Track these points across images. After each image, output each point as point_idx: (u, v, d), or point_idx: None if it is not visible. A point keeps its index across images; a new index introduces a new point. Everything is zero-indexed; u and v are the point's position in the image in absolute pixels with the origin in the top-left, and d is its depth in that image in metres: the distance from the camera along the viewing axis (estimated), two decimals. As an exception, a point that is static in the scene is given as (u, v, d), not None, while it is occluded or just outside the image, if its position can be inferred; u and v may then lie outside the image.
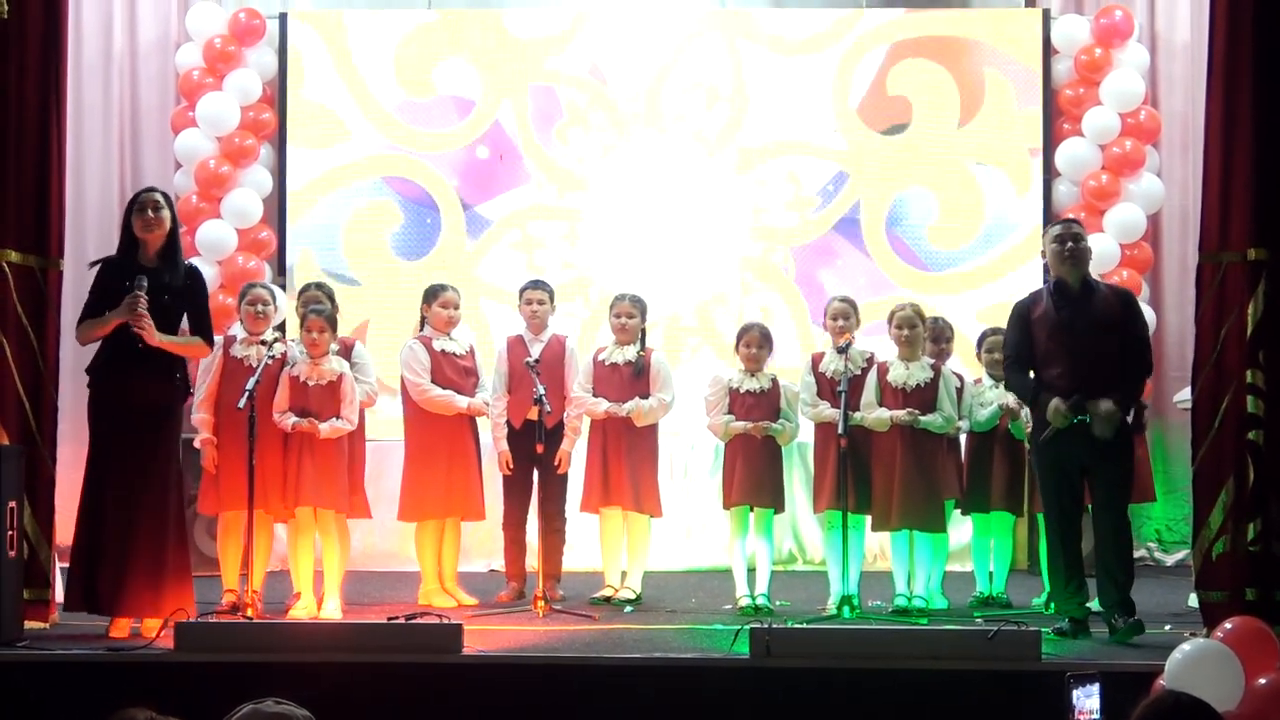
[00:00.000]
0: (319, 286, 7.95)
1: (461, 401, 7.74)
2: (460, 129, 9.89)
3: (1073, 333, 6.72)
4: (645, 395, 7.75)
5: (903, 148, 9.84)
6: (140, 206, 6.67)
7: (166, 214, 6.69)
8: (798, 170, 9.87)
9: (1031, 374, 6.84)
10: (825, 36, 9.90)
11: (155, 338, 6.54)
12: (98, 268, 6.75)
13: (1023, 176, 9.78)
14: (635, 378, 7.78)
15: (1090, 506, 6.86)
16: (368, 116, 9.85)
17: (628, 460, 7.70)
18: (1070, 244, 6.79)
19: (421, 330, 7.91)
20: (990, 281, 9.72)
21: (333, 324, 7.44)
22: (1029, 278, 9.32)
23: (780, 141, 9.87)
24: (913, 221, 9.83)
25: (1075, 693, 4.49)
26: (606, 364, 7.83)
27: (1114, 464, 6.74)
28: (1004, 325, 7.90)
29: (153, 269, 6.65)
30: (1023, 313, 6.95)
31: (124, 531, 6.51)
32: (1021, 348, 6.89)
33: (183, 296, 6.71)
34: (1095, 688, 4.49)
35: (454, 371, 7.79)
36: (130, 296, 6.49)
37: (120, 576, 6.50)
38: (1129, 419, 6.84)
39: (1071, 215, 8.18)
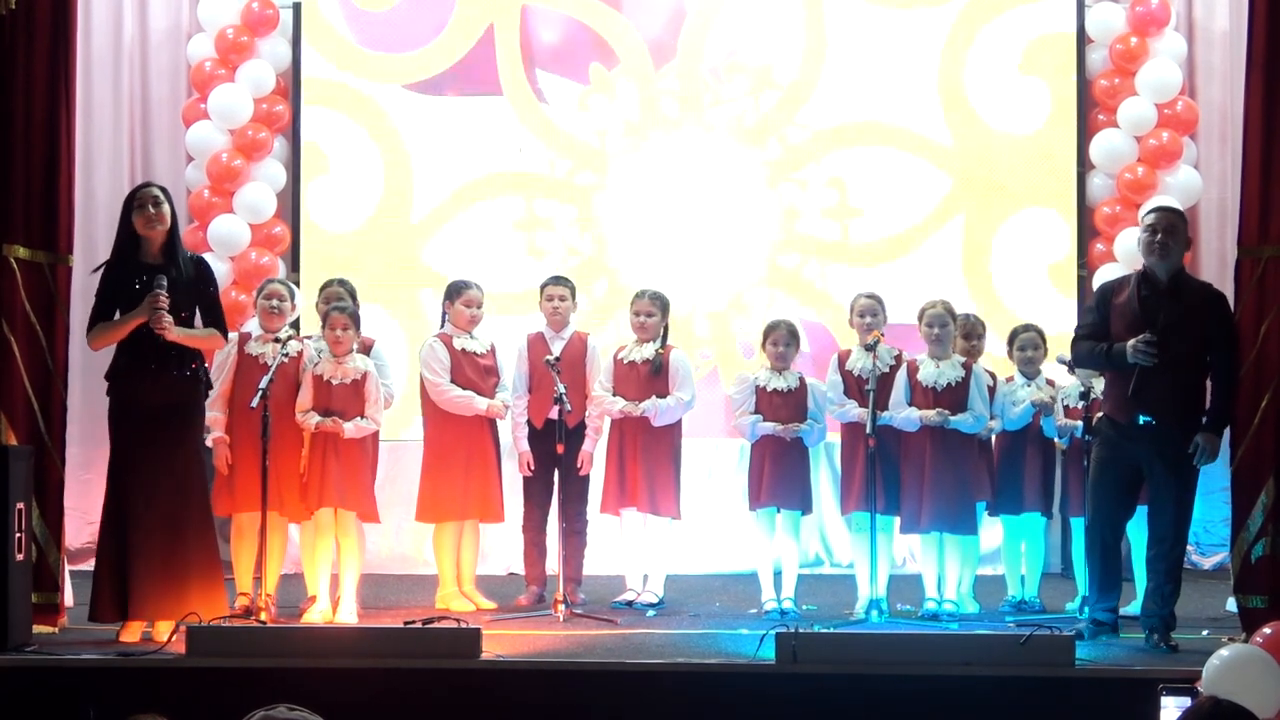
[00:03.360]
0: (341, 283, 7.86)
1: (481, 404, 7.64)
2: (480, 111, 9.69)
3: (1150, 327, 6.37)
4: (663, 394, 7.65)
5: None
6: (140, 203, 6.53)
7: (167, 209, 6.56)
8: (845, 173, 9.59)
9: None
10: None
11: (174, 333, 6.43)
12: (101, 270, 6.64)
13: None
14: (653, 376, 7.68)
15: (1148, 509, 6.60)
16: (382, 105, 9.69)
17: (644, 461, 7.63)
18: (1160, 235, 6.44)
19: (442, 328, 7.81)
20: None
21: (356, 321, 7.37)
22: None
23: (825, 131, 9.61)
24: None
25: (1164, 700, 4.49)
26: (625, 362, 7.76)
27: (1180, 469, 6.43)
28: (1032, 322, 7.90)
29: (159, 266, 6.54)
30: (1106, 294, 6.67)
31: (150, 534, 6.41)
32: (1096, 328, 6.60)
33: (193, 290, 6.60)
34: (1189, 701, 4.39)
35: (474, 371, 7.69)
36: (151, 295, 6.39)
37: (151, 580, 6.39)
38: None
39: (1174, 205, 7.68)
